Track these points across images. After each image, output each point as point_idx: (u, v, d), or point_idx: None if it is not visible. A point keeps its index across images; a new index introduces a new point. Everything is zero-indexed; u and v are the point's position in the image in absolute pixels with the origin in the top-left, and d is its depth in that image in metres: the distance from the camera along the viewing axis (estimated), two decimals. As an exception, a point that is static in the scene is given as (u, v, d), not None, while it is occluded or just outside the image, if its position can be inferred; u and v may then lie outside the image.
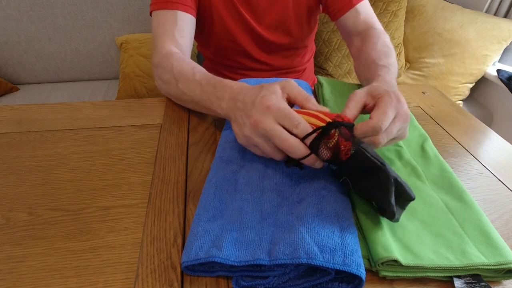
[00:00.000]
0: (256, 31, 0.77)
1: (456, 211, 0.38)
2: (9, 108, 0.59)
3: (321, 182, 0.39)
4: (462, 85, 1.44)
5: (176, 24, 0.64)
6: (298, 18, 0.78)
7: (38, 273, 0.33)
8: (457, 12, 1.42)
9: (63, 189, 0.42)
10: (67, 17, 1.44)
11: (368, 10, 0.71)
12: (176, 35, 0.63)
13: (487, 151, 0.53)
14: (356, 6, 0.69)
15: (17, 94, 1.48)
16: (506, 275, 0.33)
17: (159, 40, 0.63)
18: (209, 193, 0.39)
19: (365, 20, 0.69)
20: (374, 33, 0.65)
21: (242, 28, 0.77)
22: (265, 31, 0.78)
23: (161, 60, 0.59)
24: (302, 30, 0.81)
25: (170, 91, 0.58)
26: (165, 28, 0.64)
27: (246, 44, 0.80)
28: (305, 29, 0.81)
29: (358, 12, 0.69)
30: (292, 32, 0.80)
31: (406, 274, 0.32)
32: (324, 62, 1.52)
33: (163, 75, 0.58)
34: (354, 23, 0.70)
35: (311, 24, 0.82)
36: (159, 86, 0.62)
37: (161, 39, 0.63)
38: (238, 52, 0.82)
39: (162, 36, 0.63)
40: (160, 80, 0.60)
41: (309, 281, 0.31)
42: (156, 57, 0.61)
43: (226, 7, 0.74)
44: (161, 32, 0.64)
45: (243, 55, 0.83)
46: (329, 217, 0.34)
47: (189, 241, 0.34)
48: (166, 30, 0.64)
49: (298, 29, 0.80)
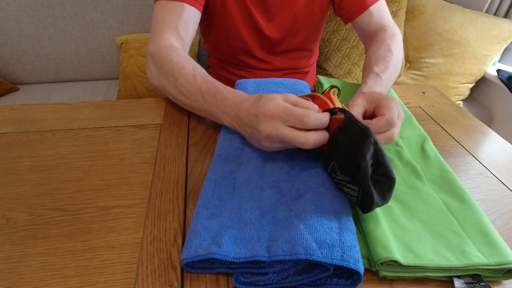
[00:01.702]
0: (264, 32, 0.77)
1: (456, 211, 0.38)
2: (9, 108, 0.59)
3: (319, 179, 0.39)
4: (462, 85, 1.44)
5: (181, 17, 0.62)
6: (309, 21, 0.78)
7: (38, 273, 0.33)
8: (457, 12, 1.42)
9: (63, 189, 0.42)
10: (67, 17, 1.44)
11: (382, 11, 0.70)
12: (180, 27, 0.62)
13: (487, 151, 0.53)
14: (370, 8, 0.69)
15: (17, 94, 1.48)
16: (506, 275, 0.33)
17: (160, 30, 0.61)
18: (208, 191, 0.39)
19: (377, 22, 0.69)
20: (381, 36, 0.65)
21: (252, 29, 0.77)
22: (274, 32, 0.78)
23: (160, 50, 0.57)
24: (310, 34, 0.81)
25: (164, 85, 0.56)
26: (169, 19, 0.62)
27: (253, 45, 0.80)
28: (314, 32, 0.81)
29: (371, 14, 0.69)
30: (301, 35, 0.80)
31: (406, 274, 0.32)
32: (324, 62, 1.52)
33: (159, 64, 0.56)
34: (367, 25, 0.70)
35: (319, 28, 0.82)
36: (151, 75, 0.59)
37: (162, 29, 0.61)
38: (245, 51, 0.82)
39: (164, 27, 0.61)
40: (155, 69, 0.57)
41: (308, 277, 0.31)
42: (154, 46, 0.59)
43: (238, 6, 0.73)
44: (163, 21, 0.62)
45: (250, 55, 0.82)
46: (328, 213, 0.34)
47: (189, 239, 0.34)
48: (170, 21, 0.62)
49: (307, 32, 0.80)
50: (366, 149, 0.33)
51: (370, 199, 0.33)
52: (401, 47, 0.65)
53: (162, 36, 0.60)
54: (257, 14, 0.75)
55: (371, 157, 0.34)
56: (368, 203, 0.34)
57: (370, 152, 0.33)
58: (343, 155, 0.36)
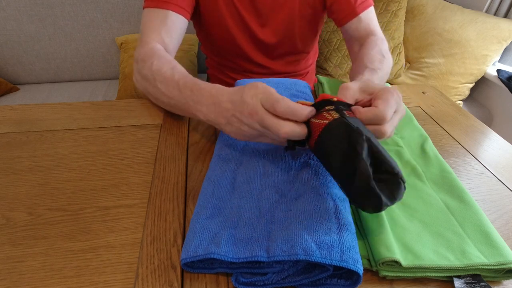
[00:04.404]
0: (258, 37, 0.77)
1: (456, 211, 0.38)
2: (9, 108, 0.59)
3: (319, 180, 0.39)
4: (462, 85, 1.44)
5: (165, 24, 0.64)
6: (304, 24, 0.77)
7: (38, 273, 0.33)
8: (457, 12, 1.42)
9: (63, 189, 0.42)
10: (67, 17, 1.44)
11: (370, 18, 0.71)
12: (163, 34, 0.63)
13: (487, 151, 0.53)
14: (359, 15, 0.69)
15: (17, 94, 1.48)
16: (506, 275, 0.33)
17: (144, 36, 0.62)
18: (208, 191, 0.39)
19: (366, 28, 0.69)
20: (372, 40, 0.65)
21: (245, 34, 0.77)
22: (269, 37, 0.78)
23: (144, 55, 0.58)
24: (306, 36, 0.80)
25: (147, 89, 0.56)
26: (153, 26, 0.63)
27: (249, 49, 0.80)
28: (310, 34, 0.81)
29: (360, 20, 0.70)
30: (296, 38, 0.79)
31: (406, 274, 0.32)
32: (324, 62, 1.52)
33: (142, 71, 0.57)
34: (355, 30, 0.70)
35: (316, 29, 0.82)
36: (136, 82, 0.60)
37: (146, 36, 0.62)
38: (241, 56, 0.82)
39: (148, 33, 0.63)
40: (139, 75, 0.58)
41: (307, 277, 0.31)
42: (139, 52, 0.60)
43: (229, 11, 0.73)
44: (148, 29, 0.63)
45: (246, 60, 0.82)
46: (327, 214, 0.34)
47: (188, 238, 0.34)
48: (154, 28, 0.63)
49: (302, 35, 0.79)
50: (360, 148, 0.31)
51: (379, 202, 0.30)
52: (390, 54, 0.64)
53: (146, 41, 0.61)
54: (248, 19, 0.74)
55: (368, 155, 0.31)
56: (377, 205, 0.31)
57: (365, 150, 0.31)
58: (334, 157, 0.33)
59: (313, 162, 0.42)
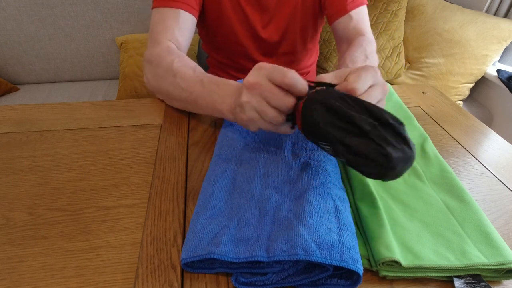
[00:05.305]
0: (261, 35, 0.77)
1: (456, 211, 0.38)
2: (9, 108, 0.59)
3: (319, 180, 0.39)
4: (462, 85, 1.44)
5: (178, 23, 0.63)
6: (305, 18, 0.77)
7: (38, 273, 0.33)
8: (457, 12, 1.42)
9: (63, 189, 0.42)
10: (67, 17, 1.44)
11: (361, 17, 0.70)
12: (177, 33, 0.63)
13: (487, 151, 0.53)
14: (350, 12, 0.69)
15: (17, 94, 1.48)
16: (506, 275, 0.33)
17: (158, 36, 0.62)
18: (208, 191, 0.39)
19: (355, 27, 0.69)
20: (358, 41, 0.65)
21: (248, 32, 0.77)
22: (271, 35, 0.78)
23: (158, 54, 0.57)
24: (307, 32, 0.81)
25: (162, 87, 0.56)
26: (166, 25, 0.63)
27: (252, 48, 0.80)
28: (311, 30, 0.81)
29: (351, 18, 0.69)
30: (297, 34, 0.79)
31: (406, 274, 0.32)
32: (324, 62, 1.52)
33: (157, 70, 0.56)
34: (345, 29, 0.70)
35: (316, 24, 0.82)
36: (148, 82, 0.59)
37: (160, 35, 0.62)
38: (242, 54, 0.82)
39: (162, 33, 0.62)
40: (153, 72, 0.57)
41: (308, 277, 0.31)
42: (152, 52, 0.59)
43: (234, 9, 0.73)
44: (161, 28, 0.63)
45: (248, 58, 0.82)
46: (327, 214, 0.34)
47: (188, 238, 0.34)
48: (167, 27, 0.63)
49: (303, 30, 0.79)
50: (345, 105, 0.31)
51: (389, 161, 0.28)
52: (375, 56, 0.64)
53: (159, 41, 0.61)
54: (252, 17, 0.74)
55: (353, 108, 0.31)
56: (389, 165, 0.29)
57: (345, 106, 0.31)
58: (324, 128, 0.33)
59: (313, 162, 0.42)
